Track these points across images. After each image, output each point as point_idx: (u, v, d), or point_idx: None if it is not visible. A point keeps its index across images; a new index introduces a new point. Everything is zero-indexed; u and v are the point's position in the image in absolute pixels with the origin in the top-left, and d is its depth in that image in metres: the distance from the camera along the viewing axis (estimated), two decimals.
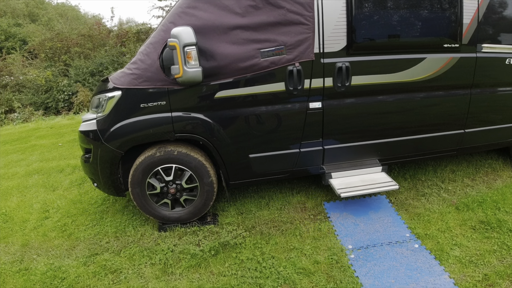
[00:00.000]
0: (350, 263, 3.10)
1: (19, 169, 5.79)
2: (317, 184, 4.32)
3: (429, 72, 3.59)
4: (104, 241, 3.59)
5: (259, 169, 3.62)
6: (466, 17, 3.57)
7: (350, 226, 3.59)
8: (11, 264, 3.37)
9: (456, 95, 3.79)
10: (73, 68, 12.19)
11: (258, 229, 3.61)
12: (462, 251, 3.16)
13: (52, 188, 4.93)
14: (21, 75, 12.35)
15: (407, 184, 4.25)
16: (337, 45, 3.33)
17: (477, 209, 3.70)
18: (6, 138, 8.19)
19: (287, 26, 3.20)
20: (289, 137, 3.54)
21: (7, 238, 3.78)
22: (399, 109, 3.68)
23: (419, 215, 3.68)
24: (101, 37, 13.67)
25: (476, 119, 3.97)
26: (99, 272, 3.16)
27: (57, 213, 4.20)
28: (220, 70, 3.19)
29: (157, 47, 3.18)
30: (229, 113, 3.36)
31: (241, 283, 2.94)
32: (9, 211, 4.35)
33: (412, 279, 2.89)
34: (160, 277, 3.07)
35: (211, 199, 3.62)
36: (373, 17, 3.37)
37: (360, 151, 3.77)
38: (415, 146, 3.90)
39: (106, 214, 4.06)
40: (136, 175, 3.44)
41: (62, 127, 8.75)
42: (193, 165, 3.44)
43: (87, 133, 3.46)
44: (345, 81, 3.39)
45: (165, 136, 3.35)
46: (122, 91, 3.25)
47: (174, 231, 3.62)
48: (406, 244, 3.29)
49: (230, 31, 3.16)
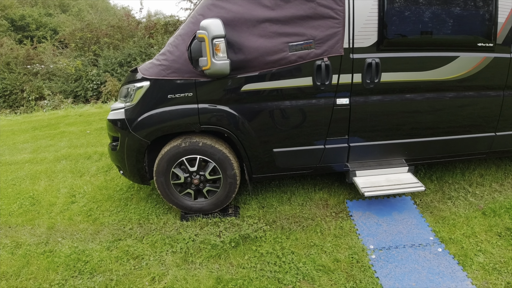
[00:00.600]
0: (371, 263, 3.06)
1: (47, 155, 5.97)
2: (340, 182, 4.27)
3: (461, 72, 3.48)
4: (127, 227, 3.67)
5: (282, 164, 3.61)
6: (501, 16, 3.44)
7: (373, 226, 3.54)
8: (36, 246, 3.48)
9: (488, 96, 3.66)
10: (102, 58, 12.47)
11: (279, 223, 3.61)
12: (486, 258, 3.06)
13: (79, 174, 5.08)
14: (51, 63, 12.71)
15: (433, 186, 4.15)
16: (367, 41, 3.27)
17: (504, 215, 3.58)
18: (36, 124, 8.46)
19: (316, 20, 3.16)
20: (314, 133, 3.51)
21: (34, 220, 3.91)
22: (428, 108, 3.58)
23: (444, 219, 3.59)
24: (130, 29, 13.91)
25: (508, 122, 3.82)
26: (122, 257, 3.24)
27: (83, 198, 4.32)
28: (248, 63, 3.19)
29: (186, 39, 3.21)
30: (255, 106, 3.36)
31: (260, 277, 2.95)
32: (37, 194, 4.50)
33: (433, 283, 2.83)
34: (181, 265, 3.12)
35: (234, 192, 3.64)
36: (405, 12, 3.28)
37: (386, 150, 3.70)
38: (443, 147, 3.80)
39: (131, 201, 4.15)
40: (161, 165, 3.49)
41: (90, 115, 8.97)
42: (217, 157, 3.47)
43: (115, 122, 3.53)
44: (374, 78, 3.32)
45: (191, 127, 3.38)
46: (151, 82, 3.29)
47: (196, 221, 3.66)
48: (430, 247, 3.22)
49: (259, 24, 3.15)
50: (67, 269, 3.14)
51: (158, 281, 2.97)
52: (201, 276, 2.98)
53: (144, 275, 3.03)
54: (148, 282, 2.96)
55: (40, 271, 3.12)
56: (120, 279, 3.00)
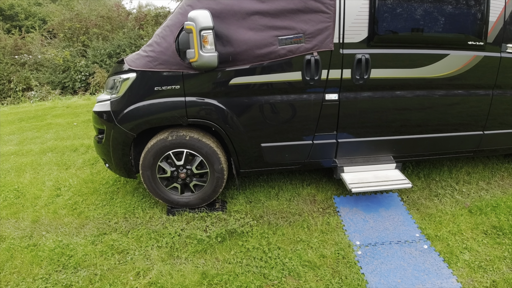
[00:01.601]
0: (357, 259, 3.06)
1: (33, 147, 5.87)
2: (328, 178, 4.27)
3: (451, 70, 3.48)
4: (113, 221, 3.62)
5: (270, 159, 3.59)
6: (492, 15, 3.45)
7: (359, 222, 3.54)
8: (20, 239, 3.42)
9: (477, 95, 3.68)
10: (91, 49, 12.27)
11: (266, 218, 3.59)
12: (472, 256, 3.09)
13: (65, 166, 4.99)
14: (39, 54, 12.48)
15: (421, 184, 4.17)
16: (357, 36, 3.25)
17: (490, 214, 3.61)
18: (23, 116, 8.31)
19: (307, 14, 3.13)
20: (302, 128, 3.49)
21: (18, 213, 3.84)
22: (417, 106, 3.58)
23: (431, 216, 3.60)
24: (120, 19, 13.70)
25: (496, 121, 3.85)
26: (106, 251, 3.20)
27: (68, 191, 4.25)
28: (237, 56, 3.15)
29: (173, 30, 3.15)
30: (243, 100, 3.32)
31: (246, 272, 2.94)
32: (22, 187, 4.42)
33: (418, 280, 2.84)
34: (166, 260, 3.09)
35: (221, 186, 3.60)
36: (396, 9, 3.26)
37: (374, 146, 3.70)
38: (431, 145, 3.81)
39: (117, 195, 4.09)
40: (147, 158, 3.44)
41: (78, 107, 8.85)
42: (204, 151, 3.43)
43: (100, 114, 3.47)
44: (364, 74, 3.31)
45: (178, 120, 3.34)
46: (137, 73, 3.23)
47: (182, 216, 3.63)
48: (415, 244, 3.23)
49: (248, 16, 3.10)
50: (51, 263, 3.09)
51: (143, 276, 2.93)
52: (186, 271, 2.95)
53: (129, 270, 3.00)
54: (132, 277, 2.93)
55: (24, 265, 3.07)
56: (104, 273, 2.96)
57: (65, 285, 2.86)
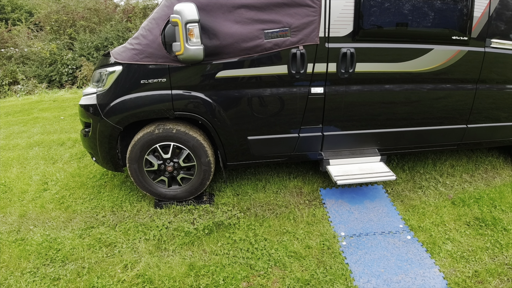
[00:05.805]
0: (342, 249, 3.12)
1: (20, 141, 5.81)
2: (314, 170, 4.32)
3: (435, 64, 3.54)
4: (100, 215, 3.62)
5: (257, 152, 3.62)
6: (477, 10, 3.49)
7: (345, 213, 3.60)
8: (7, 234, 3.41)
9: (461, 89, 3.74)
10: (78, 42, 12.09)
11: (253, 211, 3.63)
12: (455, 246, 3.16)
13: (52, 160, 4.96)
14: (26, 47, 12.25)
15: (405, 176, 4.25)
16: (343, 30, 3.28)
17: (473, 205, 3.69)
18: (9, 110, 8.20)
19: (293, 8, 3.15)
20: (289, 121, 3.52)
21: (5, 208, 3.82)
22: (401, 99, 3.63)
23: (414, 207, 3.68)
24: (107, 12, 13.50)
25: (480, 115, 3.92)
26: (94, 245, 3.21)
27: (55, 185, 4.23)
28: (222, 49, 3.16)
29: (159, 23, 3.14)
30: (230, 93, 3.34)
31: (233, 263, 2.98)
32: (9, 182, 4.38)
33: (402, 269, 2.91)
34: (154, 252, 3.11)
35: (208, 179, 3.63)
36: (381, 4, 3.29)
37: (360, 139, 3.75)
38: (415, 138, 3.87)
39: (104, 189, 4.09)
40: (134, 151, 3.44)
41: (65, 101, 8.75)
42: (191, 144, 3.44)
43: (87, 107, 3.45)
44: (349, 68, 3.34)
45: (164, 113, 3.34)
46: (123, 66, 3.22)
47: (170, 209, 3.64)
48: (399, 235, 3.30)
49: (234, 9, 3.11)
50: (38, 257, 3.09)
51: (130, 269, 2.95)
52: (173, 263, 2.98)
53: (117, 262, 3.01)
54: (120, 269, 2.94)
55: (12, 260, 3.06)
56: (92, 266, 2.97)
57: (53, 278, 2.87)
